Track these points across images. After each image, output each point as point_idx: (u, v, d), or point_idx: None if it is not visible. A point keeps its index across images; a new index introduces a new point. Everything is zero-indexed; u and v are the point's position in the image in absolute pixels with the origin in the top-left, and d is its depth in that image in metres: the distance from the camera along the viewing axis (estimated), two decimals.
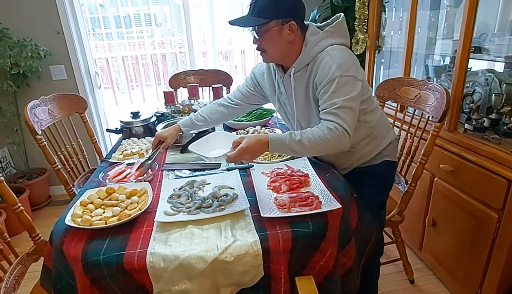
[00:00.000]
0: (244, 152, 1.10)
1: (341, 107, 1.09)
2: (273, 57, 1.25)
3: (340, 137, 1.08)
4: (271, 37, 1.17)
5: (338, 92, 1.10)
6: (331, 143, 1.08)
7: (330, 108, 1.10)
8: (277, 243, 0.94)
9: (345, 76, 1.10)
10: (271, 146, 1.11)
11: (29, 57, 2.36)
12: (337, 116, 1.09)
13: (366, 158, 1.32)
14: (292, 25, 1.16)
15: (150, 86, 3.95)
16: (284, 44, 1.19)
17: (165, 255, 0.90)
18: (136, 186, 1.20)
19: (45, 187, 2.86)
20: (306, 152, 1.15)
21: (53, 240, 1.01)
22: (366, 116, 1.26)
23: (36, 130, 1.58)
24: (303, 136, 1.10)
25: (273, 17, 1.14)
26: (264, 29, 1.16)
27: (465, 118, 1.64)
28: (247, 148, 1.09)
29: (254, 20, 1.15)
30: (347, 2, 2.47)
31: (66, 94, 1.91)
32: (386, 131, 1.33)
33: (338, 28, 1.21)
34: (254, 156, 1.13)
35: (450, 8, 1.78)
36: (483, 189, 1.41)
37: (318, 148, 1.11)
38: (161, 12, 3.18)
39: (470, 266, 1.55)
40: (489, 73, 1.61)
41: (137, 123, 1.84)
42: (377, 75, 2.41)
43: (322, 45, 1.18)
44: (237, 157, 1.10)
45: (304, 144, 1.09)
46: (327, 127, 1.08)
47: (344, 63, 1.12)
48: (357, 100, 1.14)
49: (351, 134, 1.09)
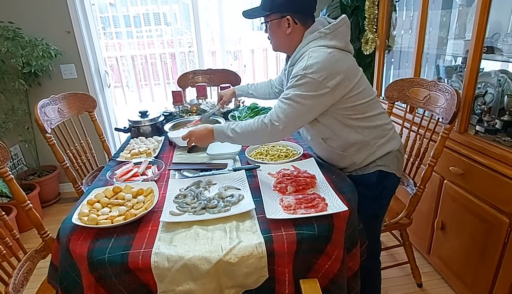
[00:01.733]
0: (191, 134, 1.32)
1: (289, 98, 1.16)
2: (277, 46, 1.35)
3: (267, 128, 1.18)
4: (273, 28, 1.28)
5: (295, 87, 1.16)
6: (257, 132, 1.20)
7: (281, 97, 1.20)
8: (282, 245, 0.93)
9: (307, 76, 1.14)
10: (215, 133, 1.29)
11: (40, 56, 2.39)
12: (281, 104, 1.18)
13: (359, 165, 1.30)
14: (288, 19, 1.22)
15: (159, 85, 3.98)
16: (283, 36, 1.27)
17: (169, 255, 0.90)
18: (142, 186, 1.21)
19: (55, 184, 2.91)
20: (239, 138, 1.26)
21: (60, 238, 1.02)
22: (355, 122, 1.24)
23: (45, 128, 1.60)
24: (238, 124, 1.24)
25: (272, 10, 1.24)
26: (267, 20, 1.28)
27: (477, 119, 1.60)
28: (194, 132, 1.32)
29: (258, 12, 1.28)
30: (356, 2, 2.43)
31: (75, 93, 1.93)
32: (385, 140, 1.28)
33: (333, 30, 1.21)
34: (201, 141, 1.34)
35: (462, 8, 1.74)
36: (494, 192, 1.38)
37: (247, 136, 1.23)
38: (171, 11, 3.20)
39: (480, 271, 1.51)
40: (502, 74, 1.57)
41: (145, 122, 1.85)
42: (387, 75, 2.38)
43: (311, 45, 1.21)
44: (186, 137, 1.34)
45: (237, 131, 1.23)
46: (259, 119, 1.20)
47: (313, 65, 1.13)
48: (311, 100, 1.15)
49: (284, 125, 1.17)
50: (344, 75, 1.15)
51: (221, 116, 1.98)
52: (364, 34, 2.26)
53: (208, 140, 1.33)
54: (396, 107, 2.02)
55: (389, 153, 1.29)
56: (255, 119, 1.22)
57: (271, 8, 1.23)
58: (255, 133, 1.21)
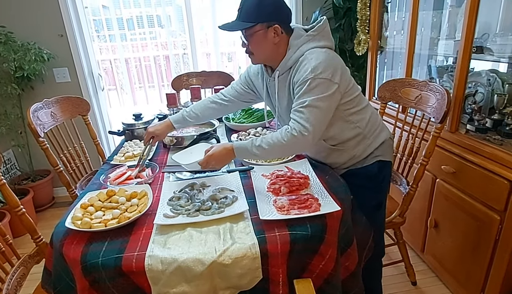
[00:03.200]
0: (210, 159, 1.21)
1: (308, 105, 1.13)
2: (260, 59, 1.31)
3: (298, 140, 1.13)
4: (257, 40, 1.22)
5: (309, 93, 1.14)
6: (289, 145, 1.14)
7: (298, 106, 1.16)
8: (275, 245, 0.94)
9: (318, 78, 1.13)
10: (236, 152, 1.20)
11: (33, 60, 2.38)
12: (301, 113, 1.14)
13: (358, 158, 1.32)
14: (276, 28, 1.20)
15: (154, 87, 3.97)
16: (270, 46, 1.23)
17: (163, 257, 0.90)
18: (136, 189, 1.21)
19: (49, 189, 2.89)
20: (267, 155, 1.21)
21: (53, 243, 1.02)
22: (353, 117, 1.26)
23: (38, 132, 1.59)
24: (263, 140, 1.17)
25: (258, 20, 1.19)
26: (250, 32, 1.21)
27: (467, 118, 1.62)
28: (213, 155, 1.21)
29: (240, 24, 1.21)
30: (348, 3, 2.46)
31: (68, 96, 1.93)
32: (378, 131, 1.32)
33: (320, 31, 1.23)
34: (221, 162, 1.23)
35: (453, 8, 1.76)
36: (485, 190, 1.40)
37: (277, 150, 1.17)
38: (164, 13, 3.20)
39: (472, 268, 1.53)
40: (492, 73, 1.59)
41: (139, 125, 1.85)
42: (380, 76, 2.39)
43: (303, 49, 1.22)
44: (205, 163, 1.22)
45: (264, 148, 1.16)
46: (286, 131, 1.15)
47: (319, 66, 1.14)
48: (328, 101, 1.15)
49: (313, 133, 1.13)
50: (342, 70, 1.19)
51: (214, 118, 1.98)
52: (356, 35, 2.28)
53: (229, 160, 1.24)
54: (389, 107, 2.04)
55: (384, 142, 1.33)
56: (281, 133, 1.15)
57: (257, 19, 1.18)
58: (285, 147, 1.15)
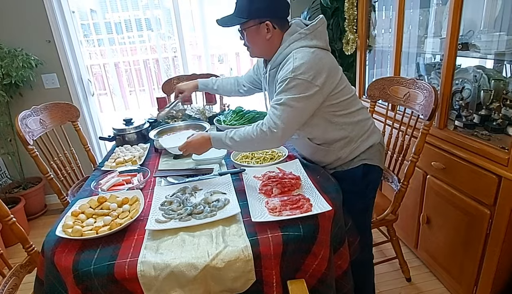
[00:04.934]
0: (189, 145, 1.30)
1: (283, 103, 1.16)
2: (255, 52, 1.34)
3: (267, 135, 1.18)
4: (251, 35, 1.26)
5: (286, 91, 1.16)
6: (258, 140, 1.20)
7: (274, 102, 1.19)
8: (268, 247, 0.94)
9: (297, 78, 1.14)
10: (213, 142, 1.28)
11: (20, 67, 2.36)
12: (275, 110, 1.17)
13: (344, 160, 1.33)
14: (268, 24, 1.22)
15: (144, 91, 3.95)
16: (263, 41, 1.26)
17: (156, 263, 0.90)
18: (127, 194, 1.20)
19: (41, 196, 2.85)
20: (238, 147, 1.27)
21: (45, 252, 1.01)
22: (339, 119, 1.27)
23: (27, 140, 1.58)
24: (236, 133, 1.23)
25: (250, 17, 1.22)
26: (244, 27, 1.26)
27: (455, 115, 1.65)
28: (191, 142, 1.30)
29: (234, 19, 1.25)
30: (336, 3, 2.47)
31: (57, 103, 1.91)
32: (367, 135, 1.32)
33: (312, 30, 1.23)
34: (198, 150, 1.31)
35: (438, 6, 1.78)
36: (475, 185, 1.42)
37: (247, 144, 1.23)
38: (153, 17, 3.18)
39: (465, 262, 1.55)
40: (478, 70, 1.62)
41: (130, 130, 1.84)
42: (369, 74, 2.41)
43: (293, 47, 1.22)
44: (183, 149, 1.32)
45: (236, 140, 1.22)
46: (257, 126, 1.20)
47: (301, 66, 1.15)
48: (304, 101, 1.16)
49: (282, 131, 1.17)
50: (328, 72, 1.18)
51: (206, 121, 1.98)
52: (344, 35, 2.29)
53: (206, 148, 1.31)
54: (378, 105, 2.05)
55: (372, 147, 1.33)
56: (253, 127, 1.21)
57: (249, 15, 1.21)
58: (254, 141, 1.20)
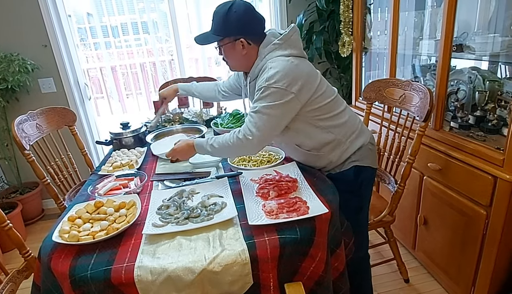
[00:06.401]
0: (175, 152, 1.34)
1: (258, 111, 1.19)
2: (234, 67, 1.39)
3: (242, 143, 1.21)
4: (227, 51, 1.31)
5: (261, 100, 1.19)
6: (234, 147, 1.23)
7: (250, 111, 1.23)
8: (265, 250, 0.94)
9: (271, 87, 1.17)
10: (196, 148, 1.32)
11: (16, 72, 2.35)
12: (251, 118, 1.21)
13: (336, 163, 1.34)
14: (242, 41, 1.25)
15: (141, 94, 3.95)
16: (239, 56, 1.30)
17: (152, 268, 0.89)
18: (124, 199, 1.20)
19: (38, 201, 2.84)
20: (218, 153, 1.31)
21: (41, 257, 1.01)
22: (324, 122, 1.28)
23: (24, 145, 1.57)
24: (216, 139, 1.27)
25: (224, 35, 1.26)
26: (220, 44, 1.30)
27: (451, 116, 1.65)
28: (176, 149, 1.34)
29: (210, 37, 1.29)
30: (332, 6, 2.49)
31: (54, 107, 1.91)
32: (355, 136, 1.33)
33: (285, 40, 1.26)
34: (184, 156, 1.36)
35: (433, 9, 1.80)
36: (471, 186, 1.43)
37: (225, 150, 1.27)
38: (149, 20, 3.19)
39: (462, 263, 1.56)
40: (473, 71, 1.63)
41: (127, 134, 1.83)
42: (366, 76, 2.42)
43: (268, 57, 1.26)
44: (169, 155, 1.36)
45: (215, 146, 1.27)
46: (234, 133, 1.24)
47: (274, 75, 1.17)
48: (279, 109, 1.18)
49: (258, 138, 1.20)
50: (305, 79, 1.20)
51: (203, 124, 1.98)
52: (340, 37, 2.30)
53: (190, 154, 1.36)
54: (375, 107, 2.06)
55: (361, 148, 1.33)
56: (231, 134, 1.24)
57: (224, 33, 1.25)
58: (231, 148, 1.24)
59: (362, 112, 1.92)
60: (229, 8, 1.22)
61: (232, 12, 1.22)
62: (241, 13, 1.22)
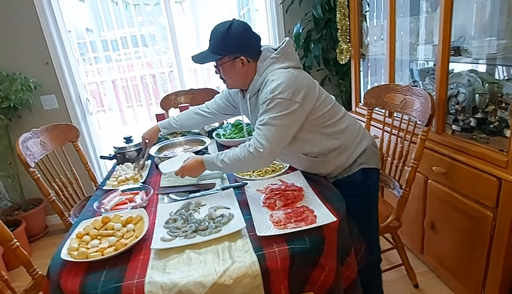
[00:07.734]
0: (184, 169, 1.33)
1: (265, 123, 1.20)
2: (232, 85, 1.39)
3: (254, 156, 1.20)
4: (227, 69, 1.30)
5: (268, 112, 1.20)
6: (246, 161, 1.22)
7: (257, 124, 1.23)
8: (275, 261, 0.94)
9: (276, 98, 1.18)
10: (205, 164, 1.30)
11: (19, 90, 2.37)
12: (259, 130, 1.21)
13: (343, 168, 1.35)
14: (242, 59, 1.26)
15: (142, 106, 3.97)
16: (239, 74, 1.30)
17: (163, 283, 0.89)
18: (131, 214, 1.20)
19: (42, 218, 2.83)
20: (229, 169, 1.30)
21: (50, 275, 1.00)
22: (329, 129, 1.29)
23: (29, 163, 1.58)
24: (226, 155, 1.26)
25: (224, 53, 1.26)
26: (219, 63, 1.30)
27: (452, 119, 1.66)
28: (186, 166, 1.32)
29: (209, 56, 1.29)
30: (328, 14, 2.52)
31: (57, 124, 1.92)
32: (359, 139, 1.34)
33: (282, 53, 1.28)
34: (193, 173, 1.34)
35: (428, 14, 1.82)
36: (476, 189, 1.43)
37: (237, 165, 1.25)
38: (148, 33, 3.22)
39: (471, 266, 1.55)
40: (471, 74, 1.64)
41: (130, 148, 1.84)
42: (364, 82, 2.44)
43: (268, 72, 1.27)
44: (179, 173, 1.34)
45: (226, 162, 1.25)
46: (244, 147, 1.22)
47: (278, 87, 1.19)
48: (287, 118, 1.19)
49: (269, 150, 1.19)
50: (307, 88, 1.22)
51: (205, 135, 1.99)
52: (338, 45, 2.33)
53: (200, 171, 1.34)
54: (376, 112, 2.07)
55: (366, 150, 1.35)
56: (241, 148, 1.24)
57: (223, 52, 1.26)
58: (243, 163, 1.23)
59: (362, 117, 1.94)
60: (228, 27, 1.24)
61: (232, 31, 1.23)
62: (241, 31, 1.25)
